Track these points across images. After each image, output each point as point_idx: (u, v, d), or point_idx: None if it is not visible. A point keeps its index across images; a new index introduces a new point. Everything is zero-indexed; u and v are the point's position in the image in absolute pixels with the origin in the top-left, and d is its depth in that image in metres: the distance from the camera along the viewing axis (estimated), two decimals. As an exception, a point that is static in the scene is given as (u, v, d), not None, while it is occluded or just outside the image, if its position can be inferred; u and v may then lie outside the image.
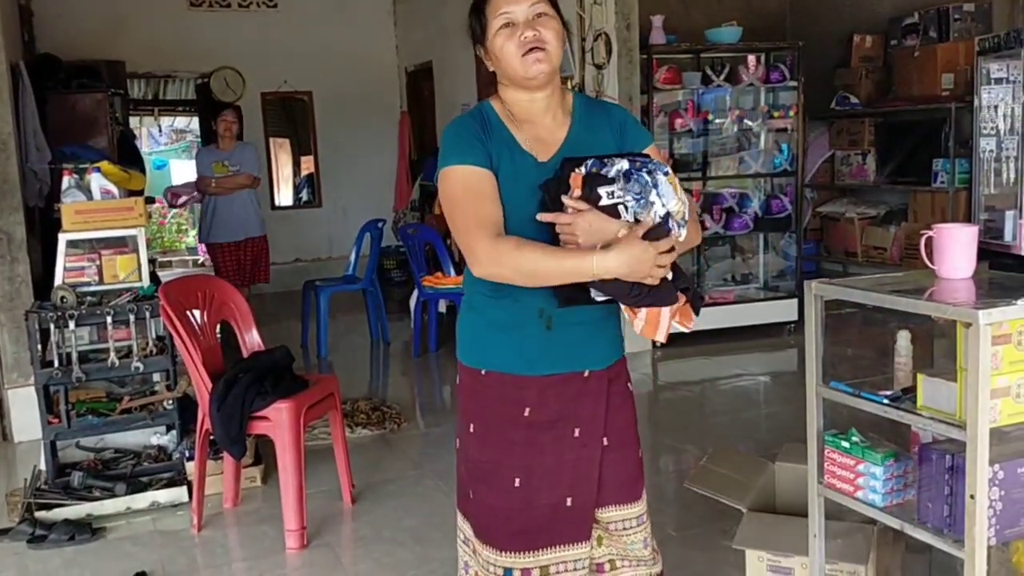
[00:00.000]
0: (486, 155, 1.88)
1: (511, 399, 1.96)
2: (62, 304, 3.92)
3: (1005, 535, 1.83)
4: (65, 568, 3.38)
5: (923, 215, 6.46)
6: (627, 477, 2.05)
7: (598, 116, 2.00)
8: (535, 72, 1.87)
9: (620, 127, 1.99)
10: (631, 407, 2.10)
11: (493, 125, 1.93)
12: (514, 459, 1.97)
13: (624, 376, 2.08)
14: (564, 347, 1.94)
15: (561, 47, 1.91)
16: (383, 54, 10.16)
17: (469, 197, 1.87)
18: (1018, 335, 1.78)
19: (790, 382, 5.48)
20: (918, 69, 6.63)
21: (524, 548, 1.98)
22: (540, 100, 1.94)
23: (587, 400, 1.98)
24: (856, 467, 2.05)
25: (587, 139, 1.94)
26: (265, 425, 3.48)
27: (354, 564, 3.36)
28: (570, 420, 1.97)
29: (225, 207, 6.59)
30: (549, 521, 1.98)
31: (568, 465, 1.98)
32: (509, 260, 1.81)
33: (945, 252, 2.05)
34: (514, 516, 1.97)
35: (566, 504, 1.98)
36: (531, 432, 1.96)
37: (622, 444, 2.05)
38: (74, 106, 6.54)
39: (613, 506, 2.04)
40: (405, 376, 6.44)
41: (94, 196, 4.29)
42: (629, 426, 2.07)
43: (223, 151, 6.63)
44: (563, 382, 1.96)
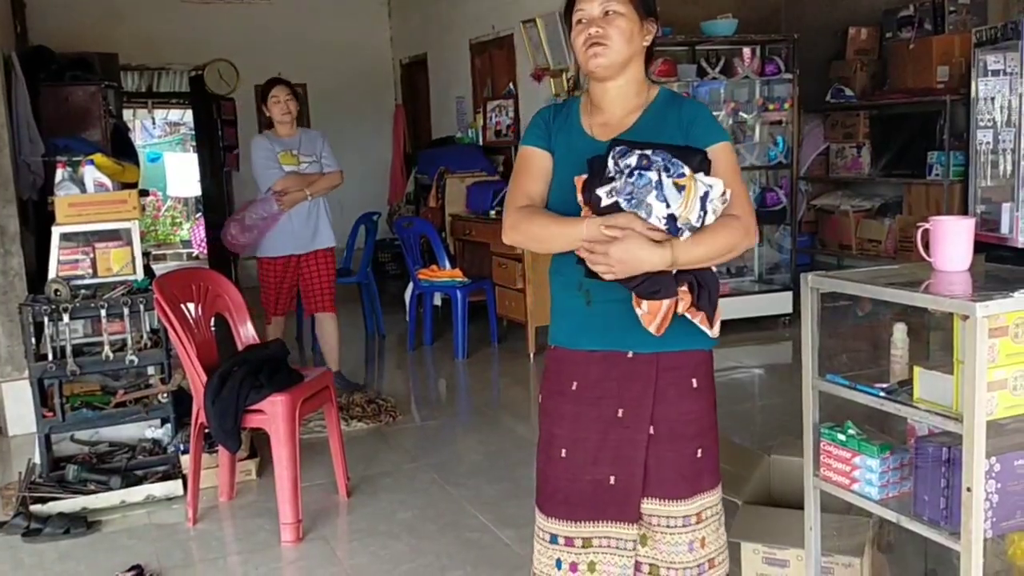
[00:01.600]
0: (546, 137, 2.07)
1: (563, 372, 2.08)
2: (56, 297, 3.91)
3: (1001, 528, 1.83)
4: (60, 561, 3.37)
5: (918, 208, 6.46)
6: (676, 474, 2.03)
7: (671, 111, 2.02)
8: (592, 66, 1.98)
9: (688, 124, 2.00)
10: (698, 403, 2.06)
11: (569, 112, 2.09)
12: (563, 430, 2.07)
13: (689, 369, 2.05)
14: (604, 323, 1.99)
15: (627, 43, 1.96)
16: (378, 46, 10.14)
17: (518, 172, 2.09)
18: (1015, 328, 1.78)
19: (785, 374, 5.48)
20: (913, 61, 6.62)
21: (568, 517, 2.06)
22: (611, 90, 2.02)
23: (634, 383, 2.01)
24: (852, 460, 2.05)
25: (653, 131, 1.98)
26: (260, 418, 3.47)
27: (349, 557, 3.36)
28: (614, 399, 2.02)
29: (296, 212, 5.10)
30: (592, 496, 2.04)
31: (611, 444, 2.02)
32: (523, 227, 2.00)
33: (942, 244, 2.04)
34: (561, 486, 2.07)
35: (609, 482, 2.03)
36: (578, 406, 2.05)
37: (674, 438, 2.03)
38: (67, 98, 6.50)
39: (657, 500, 2.03)
40: (400, 369, 6.43)
41: (88, 189, 4.27)
42: (689, 422, 2.04)
43: (285, 138, 5.18)
44: (606, 359, 2.02)
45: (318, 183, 5.14)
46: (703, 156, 1.89)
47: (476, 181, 7.53)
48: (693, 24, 6.42)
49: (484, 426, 4.88)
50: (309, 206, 5.11)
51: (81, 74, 6.76)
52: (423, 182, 8.48)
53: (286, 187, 5.02)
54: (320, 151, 5.24)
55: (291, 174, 5.06)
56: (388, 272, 9.04)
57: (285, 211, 5.03)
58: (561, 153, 2.05)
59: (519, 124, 7.65)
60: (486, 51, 8.26)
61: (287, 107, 5.15)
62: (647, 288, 1.87)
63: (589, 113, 2.07)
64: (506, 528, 3.43)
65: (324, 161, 5.23)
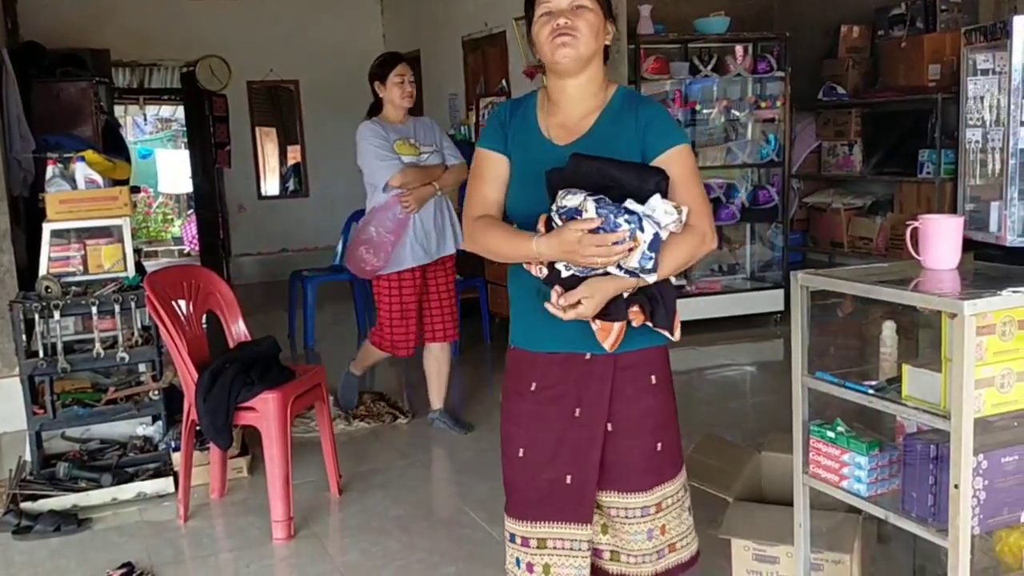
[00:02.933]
0: (502, 139, 2.06)
1: (522, 374, 2.09)
2: (47, 294, 3.90)
3: (989, 524, 1.85)
4: (51, 559, 3.37)
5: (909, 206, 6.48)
6: (634, 467, 2.06)
7: (628, 113, 2.01)
8: (560, 56, 1.95)
9: (645, 126, 1.99)
10: (655, 399, 2.08)
11: (525, 110, 2.08)
12: (521, 431, 2.09)
13: (647, 366, 2.06)
14: (562, 326, 1.96)
15: (594, 38, 1.96)
16: (370, 43, 10.09)
17: (473, 177, 2.10)
18: (1002, 326, 1.79)
19: (776, 372, 5.50)
20: (905, 60, 6.63)
21: (525, 517, 2.08)
22: (570, 88, 2.01)
23: (592, 382, 2.02)
24: (841, 457, 2.06)
25: (611, 133, 1.98)
26: (251, 416, 3.47)
27: (341, 554, 3.36)
28: (572, 399, 2.03)
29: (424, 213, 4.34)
30: (549, 495, 2.06)
31: (568, 443, 2.04)
32: (480, 238, 2.03)
33: (930, 243, 2.05)
34: (518, 485, 2.10)
35: (565, 481, 2.05)
36: (536, 406, 2.07)
37: (632, 434, 2.05)
38: (58, 95, 6.48)
39: (615, 492, 2.07)
40: (393, 366, 6.41)
41: (79, 185, 4.26)
42: (646, 417, 2.06)
43: (399, 125, 4.41)
44: (565, 361, 2.03)
45: (445, 176, 4.36)
46: (660, 178, 1.88)
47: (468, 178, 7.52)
48: (686, 22, 6.43)
49: (476, 423, 4.88)
50: (436, 204, 4.35)
51: (72, 70, 6.74)
52: (416, 179, 8.44)
53: (406, 182, 4.22)
54: (439, 140, 4.51)
55: (411, 166, 4.27)
56: (380, 269, 9.01)
57: (413, 212, 4.26)
58: (518, 156, 2.05)
59: (512, 121, 7.63)
60: (479, 48, 8.25)
61: (410, 88, 4.40)
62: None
63: (546, 112, 2.06)
64: (498, 525, 3.41)
65: (447, 152, 4.47)
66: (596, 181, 1.84)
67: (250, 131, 9.85)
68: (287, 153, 10.57)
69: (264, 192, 10.20)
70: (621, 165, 1.88)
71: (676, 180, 1.91)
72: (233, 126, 9.37)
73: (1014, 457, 1.84)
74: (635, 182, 1.85)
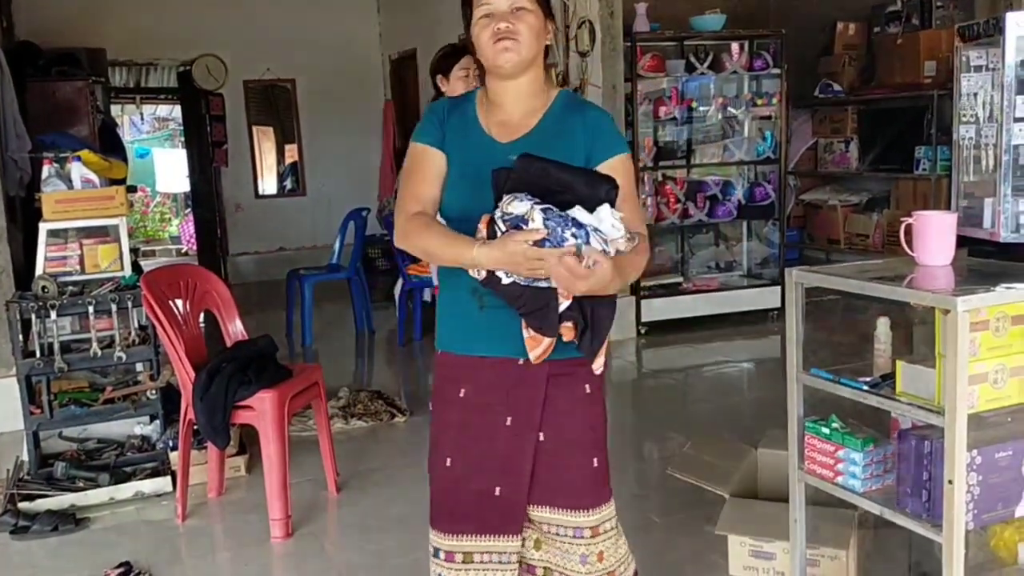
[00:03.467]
0: (439, 135, 1.99)
1: (451, 378, 2.01)
2: (43, 294, 3.90)
3: (983, 519, 1.85)
4: (49, 558, 3.37)
5: (905, 202, 6.49)
6: (570, 484, 1.96)
7: (573, 115, 1.97)
8: (503, 60, 1.90)
9: (593, 131, 1.95)
10: (592, 413, 1.99)
11: (464, 108, 2.02)
12: (448, 439, 2.01)
13: (581, 377, 1.96)
14: (497, 329, 1.90)
15: (536, 40, 1.92)
16: (367, 42, 10.12)
17: (408, 172, 2.01)
18: (996, 322, 1.80)
19: (773, 369, 5.50)
20: (900, 57, 6.65)
21: (450, 530, 2.00)
22: (512, 89, 1.96)
23: (523, 389, 1.93)
24: (836, 453, 2.07)
25: (554, 133, 1.94)
26: (249, 415, 3.47)
27: (339, 553, 3.37)
28: (503, 407, 1.94)
29: None
30: (476, 508, 1.97)
31: (499, 453, 1.95)
32: (415, 238, 1.93)
33: (924, 239, 2.06)
34: (445, 496, 2.01)
35: (494, 493, 1.96)
36: (465, 413, 1.98)
37: (567, 447, 1.95)
38: (54, 94, 6.48)
39: (547, 508, 1.97)
40: (390, 365, 6.44)
41: (75, 185, 4.25)
42: (583, 431, 1.97)
43: None
44: (497, 365, 1.94)
45: None
46: (610, 186, 1.80)
47: (465, 176, 7.52)
48: (682, 19, 6.43)
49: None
50: None
51: (68, 69, 6.74)
52: (412, 178, 8.44)
53: None
54: None
55: None
56: (377, 268, 9.01)
57: None
58: (456, 153, 1.97)
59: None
60: (475, 46, 8.25)
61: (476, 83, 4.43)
62: (530, 318, 1.83)
63: (486, 111, 2.00)
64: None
65: None
66: (544, 184, 1.76)
67: (247, 130, 9.85)
68: (284, 152, 10.57)
69: (261, 191, 10.20)
70: (571, 170, 1.81)
71: (621, 190, 1.83)
72: (230, 125, 9.38)
73: (1008, 452, 1.84)
74: (585, 189, 1.77)
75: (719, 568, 2.87)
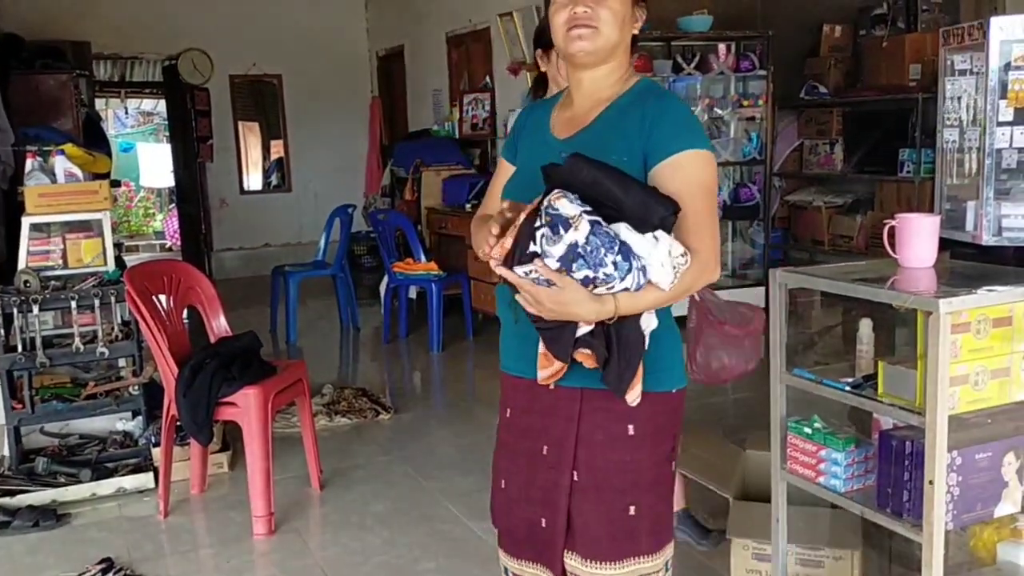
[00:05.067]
0: (514, 146, 1.90)
1: (503, 398, 1.90)
2: (26, 288, 3.87)
3: (962, 520, 1.87)
4: (30, 554, 3.35)
5: (889, 204, 6.52)
6: (600, 531, 1.75)
7: (637, 108, 1.72)
8: (575, 49, 1.72)
9: (651, 125, 1.68)
10: (634, 454, 1.74)
11: (545, 108, 1.88)
12: (501, 460, 1.90)
13: (621, 415, 1.72)
14: (526, 346, 1.74)
15: (619, 29, 1.72)
16: (354, 37, 10.09)
17: (491, 185, 1.93)
18: (977, 324, 1.81)
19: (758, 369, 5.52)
20: (886, 59, 6.67)
21: (511, 553, 1.89)
22: (587, 80, 1.77)
23: (557, 419, 1.76)
24: (818, 453, 2.08)
25: (613, 127, 1.72)
26: (232, 411, 3.46)
27: (322, 549, 3.36)
28: (541, 435, 1.79)
29: None
30: (528, 536, 1.83)
31: (539, 484, 1.79)
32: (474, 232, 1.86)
33: (907, 241, 2.07)
34: (501, 518, 1.90)
35: (541, 525, 1.80)
36: (511, 436, 1.86)
37: (599, 490, 1.74)
38: (38, 87, 6.44)
39: (578, 556, 1.77)
40: (375, 362, 6.42)
41: (58, 179, 4.23)
42: (616, 473, 1.74)
43: None
44: (531, 388, 1.77)
45: None
46: (667, 213, 1.52)
47: (452, 174, 7.53)
48: (669, 19, 6.44)
49: (458, 419, 4.88)
50: None
51: (52, 62, 6.70)
52: (399, 175, 8.46)
53: None
54: None
55: None
56: (363, 265, 9.01)
57: None
58: (523, 160, 1.85)
59: (495, 118, 7.65)
60: (463, 44, 8.25)
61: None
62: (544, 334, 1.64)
63: (562, 106, 1.85)
64: (478, 520, 3.44)
65: None
66: (592, 194, 1.51)
67: (232, 125, 9.81)
68: (270, 148, 10.53)
69: (247, 187, 10.16)
70: (626, 184, 1.53)
71: (679, 193, 1.57)
72: (215, 120, 9.34)
73: (987, 454, 1.86)
74: (639, 211, 1.51)
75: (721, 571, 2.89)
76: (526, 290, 1.54)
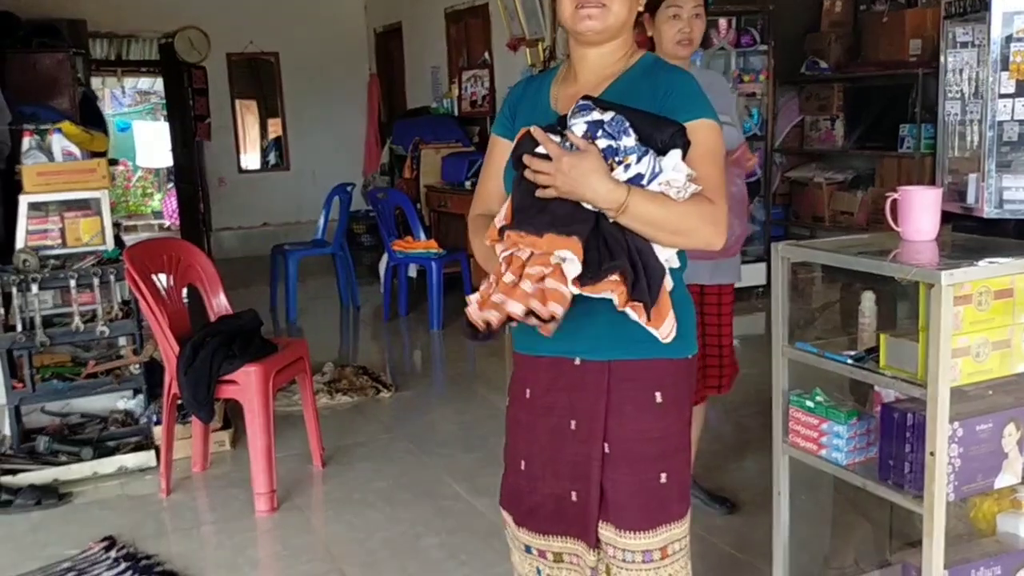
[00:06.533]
0: (510, 122, 1.86)
1: (518, 378, 1.90)
2: (24, 267, 3.86)
3: (963, 491, 1.87)
4: (32, 532, 3.36)
5: (889, 180, 6.50)
6: (634, 501, 1.77)
7: (647, 80, 1.74)
8: (583, 28, 1.72)
9: (664, 94, 1.70)
10: (662, 421, 1.77)
11: (540, 84, 1.88)
12: (519, 441, 1.89)
13: (650, 381, 1.76)
14: None
15: (626, 7, 1.73)
16: (352, 14, 10.02)
17: (484, 165, 1.92)
18: (979, 296, 1.80)
19: (759, 345, 5.52)
20: (886, 34, 6.64)
21: (537, 530, 1.88)
22: (591, 56, 1.78)
23: (586, 393, 1.78)
24: (820, 426, 2.08)
25: (624, 99, 1.70)
26: (233, 389, 3.46)
27: (324, 526, 3.37)
28: (567, 411, 1.80)
29: None
30: (556, 511, 1.84)
31: (567, 458, 1.81)
32: (473, 240, 1.87)
33: (909, 214, 2.06)
34: (524, 497, 1.89)
35: (571, 499, 1.81)
36: (532, 416, 1.85)
37: (630, 460, 1.77)
38: (35, 65, 6.39)
39: (613, 528, 1.79)
40: (375, 340, 6.43)
41: (56, 158, 4.22)
42: (649, 441, 1.77)
43: None
44: (554, 366, 1.80)
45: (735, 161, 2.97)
46: (676, 130, 1.62)
47: (451, 152, 7.51)
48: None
49: (459, 396, 4.89)
50: None
51: (48, 41, 6.65)
52: (398, 153, 8.44)
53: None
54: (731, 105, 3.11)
55: None
56: (363, 244, 9.01)
57: None
58: None
59: (495, 94, 7.61)
60: (461, 20, 8.20)
61: (689, 27, 2.95)
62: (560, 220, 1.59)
63: (563, 82, 1.83)
64: (480, 496, 3.45)
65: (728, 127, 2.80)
66: None
67: (230, 104, 9.77)
68: (268, 126, 10.49)
69: (244, 166, 10.14)
70: (633, 112, 1.63)
71: (692, 158, 1.62)
72: (213, 99, 9.28)
73: (988, 425, 1.86)
74: (649, 130, 1.60)
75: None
76: (550, 149, 1.58)
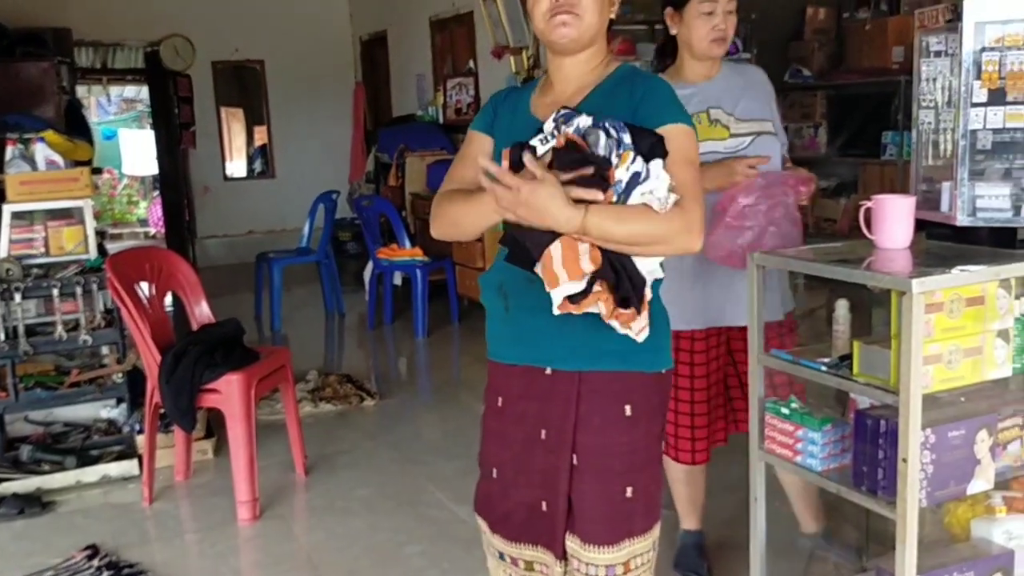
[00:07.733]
0: (490, 120, 1.89)
1: (493, 386, 1.91)
2: (8, 276, 3.86)
3: (936, 497, 1.89)
4: (15, 542, 3.35)
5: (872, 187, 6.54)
6: (599, 514, 1.78)
7: (624, 88, 1.76)
8: (557, 36, 1.75)
9: (639, 100, 1.72)
10: (630, 434, 1.77)
11: (521, 93, 1.91)
12: (492, 448, 1.91)
13: (620, 395, 1.77)
14: (523, 334, 1.80)
15: (599, 15, 1.74)
16: (337, 22, 10.04)
17: (456, 158, 1.92)
18: (950, 303, 1.82)
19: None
20: (869, 42, 6.69)
21: (509, 537, 1.90)
22: (567, 65, 1.81)
23: (556, 403, 1.78)
24: (795, 433, 2.10)
25: (601, 108, 1.71)
26: (215, 398, 3.46)
27: (306, 534, 3.38)
28: (538, 420, 1.81)
29: None
30: (528, 520, 1.86)
31: (538, 468, 1.82)
32: (440, 213, 1.84)
33: (883, 222, 2.09)
34: (496, 503, 1.91)
35: (542, 508, 1.83)
36: (504, 424, 1.87)
37: (596, 472, 1.77)
38: (19, 74, 6.37)
39: (577, 538, 1.80)
40: (360, 348, 6.43)
41: (39, 166, 4.22)
42: (614, 455, 1.77)
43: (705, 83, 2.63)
44: (525, 375, 1.81)
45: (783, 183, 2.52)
46: (656, 140, 1.62)
47: (436, 160, 7.52)
48: (653, 3, 6.40)
49: (443, 404, 4.90)
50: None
51: (33, 49, 6.64)
52: (383, 160, 8.45)
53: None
54: (771, 107, 2.71)
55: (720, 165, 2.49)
56: (348, 251, 8.99)
57: None
58: (501, 137, 1.84)
59: (480, 102, 7.64)
60: (446, 28, 8.22)
61: (724, 24, 2.60)
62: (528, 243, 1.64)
63: (540, 92, 1.87)
64: (463, 504, 3.46)
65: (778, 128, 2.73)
66: None
67: (215, 112, 9.77)
68: (253, 134, 10.48)
69: (230, 174, 10.12)
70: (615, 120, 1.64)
71: (667, 163, 1.63)
72: (198, 107, 9.28)
73: (960, 432, 1.88)
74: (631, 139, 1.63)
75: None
76: (507, 180, 1.57)
